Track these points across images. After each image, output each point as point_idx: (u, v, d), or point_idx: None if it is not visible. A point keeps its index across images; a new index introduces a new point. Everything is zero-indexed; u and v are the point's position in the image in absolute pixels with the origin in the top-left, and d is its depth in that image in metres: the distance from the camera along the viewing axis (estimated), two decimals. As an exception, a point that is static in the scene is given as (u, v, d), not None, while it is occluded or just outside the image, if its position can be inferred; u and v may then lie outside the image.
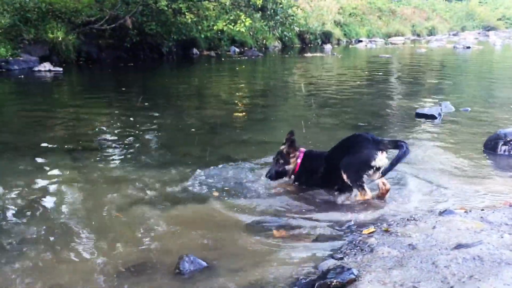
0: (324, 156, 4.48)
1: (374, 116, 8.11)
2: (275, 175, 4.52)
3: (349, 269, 2.68)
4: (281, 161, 4.51)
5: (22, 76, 12.89)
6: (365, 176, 4.14)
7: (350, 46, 32.58)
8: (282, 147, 4.54)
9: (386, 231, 3.42)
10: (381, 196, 4.26)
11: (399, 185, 4.55)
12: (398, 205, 4.11)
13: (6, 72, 13.33)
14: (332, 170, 4.29)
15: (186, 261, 2.95)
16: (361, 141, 4.16)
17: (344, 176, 4.19)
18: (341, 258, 3.03)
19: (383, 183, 4.25)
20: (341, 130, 6.98)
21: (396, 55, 24.25)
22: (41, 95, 10.58)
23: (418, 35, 45.01)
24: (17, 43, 14.59)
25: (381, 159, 4.10)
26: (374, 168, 4.10)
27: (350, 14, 38.57)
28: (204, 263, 3.01)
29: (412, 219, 3.68)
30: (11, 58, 13.87)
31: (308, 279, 2.76)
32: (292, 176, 4.59)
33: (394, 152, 4.15)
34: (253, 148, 5.89)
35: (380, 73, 15.92)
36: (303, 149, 4.57)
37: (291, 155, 4.48)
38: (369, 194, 4.18)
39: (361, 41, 35.14)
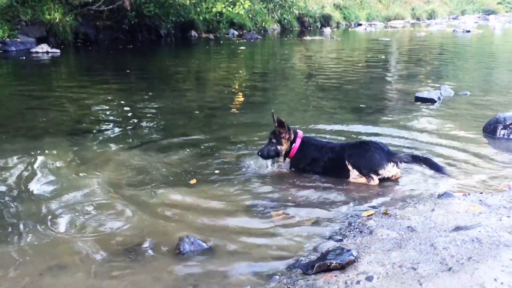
0: (329, 146, 4.50)
1: (374, 99, 8.10)
2: (266, 154, 4.49)
3: (348, 250, 2.70)
4: (274, 140, 4.48)
5: (24, 58, 12.81)
6: (372, 174, 4.23)
7: (350, 29, 32.38)
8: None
9: (385, 213, 3.44)
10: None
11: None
12: (397, 188, 4.12)
13: (3, 54, 13.25)
14: (339, 163, 4.33)
15: (186, 242, 2.96)
16: (376, 148, 4.25)
17: (350, 167, 4.28)
18: (341, 240, 3.05)
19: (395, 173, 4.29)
20: (341, 113, 6.98)
21: (396, 39, 24.14)
22: (39, 77, 10.51)
23: (418, 19, 44.75)
24: (14, 24, 14.49)
25: (390, 170, 4.21)
26: (382, 176, 4.21)
27: (349, -3, 38.21)
28: (204, 244, 3.02)
29: (411, 202, 3.71)
30: (8, 39, 13.79)
31: (308, 260, 2.78)
32: (287, 160, 4.58)
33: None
34: (252, 131, 5.88)
35: (379, 57, 15.84)
36: (301, 134, 4.55)
37: (283, 135, 4.44)
38: (376, 181, 4.21)
39: (360, 24, 34.96)
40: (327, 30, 28.52)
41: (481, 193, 3.78)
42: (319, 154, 4.43)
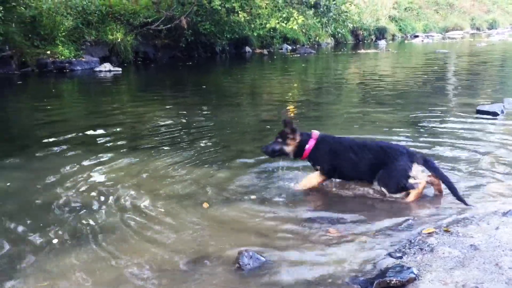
0: (354, 143, 4.37)
1: (432, 112, 7.90)
2: (270, 151, 4.50)
3: (408, 268, 2.66)
4: (280, 139, 4.46)
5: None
6: (405, 182, 4.11)
7: (406, 41, 31.80)
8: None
9: (447, 231, 3.35)
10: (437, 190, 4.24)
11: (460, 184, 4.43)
12: (458, 205, 3.99)
13: (70, 73, 14.01)
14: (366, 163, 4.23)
15: (245, 256, 3.01)
16: (398, 154, 4.14)
17: (384, 189, 4.19)
18: (400, 257, 3.00)
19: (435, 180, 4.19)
20: (398, 126, 6.86)
21: (455, 50, 23.44)
22: (102, 95, 11.03)
23: (478, 29, 43.29)
24: (80, 44, 15.32)
25: (417, 169, 4.11)
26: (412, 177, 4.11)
27: (405, 8, 37.66)
28: (263, 258, 3.06)
29: (474, 219, 3.59)
30: (74, 59, 14.55)
31: (366, 277, 2.76)
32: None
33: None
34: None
35: (437, 69, 15.45)
36: (315, 135, 4.44)
37: (289, 136, 4.41)
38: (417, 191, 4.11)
39: (417, 36, 34.28)
40: (382, 42, 28.19)
41: (550, 211, 3.60)
42: (340, 151, 4.33)
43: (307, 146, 4.40)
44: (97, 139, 6.38)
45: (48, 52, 14.32)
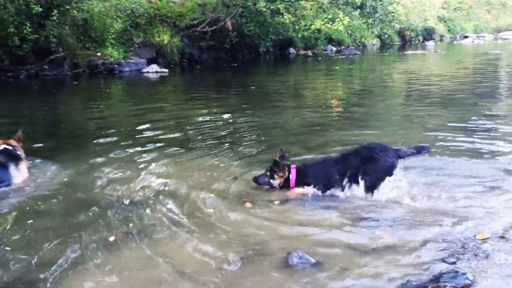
0: (332, 163, 4.54)
1: (482, 116, 7.63)
2: (261, 183, 4.63)
3: (463, 273, 2.59)
4: (268, 173, 4.62)
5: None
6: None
7: (455, 42, 30.93)
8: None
9: (502, 237, 3.24)
10: None
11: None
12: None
13: (119, 74, 14.43)
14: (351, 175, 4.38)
15: (294, 256, 3.02)
16: (385, 150, 4.38)
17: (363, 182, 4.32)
18: (454, 263, 2.91)
19: None
20: (447, 130, 6.67)
21: (507, 51, 22.57)
22: (149, 95, 11.30)
23: (533, 29, 41.50)
24: (128, 46, 15.75)
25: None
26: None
27: (455, 8, 36.66)
28: (312, 259, 3.05)
29: (531, 226, 3.45)
30: (123, 61, 14.98)
31: (419, 282, 2.70)
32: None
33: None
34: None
35: (488, 71, 14.93)
36: (293, 166, 4.64)
37: (277, 172, 4.57)
38: None
39: (467, 37, 33.29)
40: (430, 43, 27.57)
41: None
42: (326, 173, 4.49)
43: (291, 176, 4.59)
44: (146, 138, 6.53)
45: (99, 53, 14.81)
